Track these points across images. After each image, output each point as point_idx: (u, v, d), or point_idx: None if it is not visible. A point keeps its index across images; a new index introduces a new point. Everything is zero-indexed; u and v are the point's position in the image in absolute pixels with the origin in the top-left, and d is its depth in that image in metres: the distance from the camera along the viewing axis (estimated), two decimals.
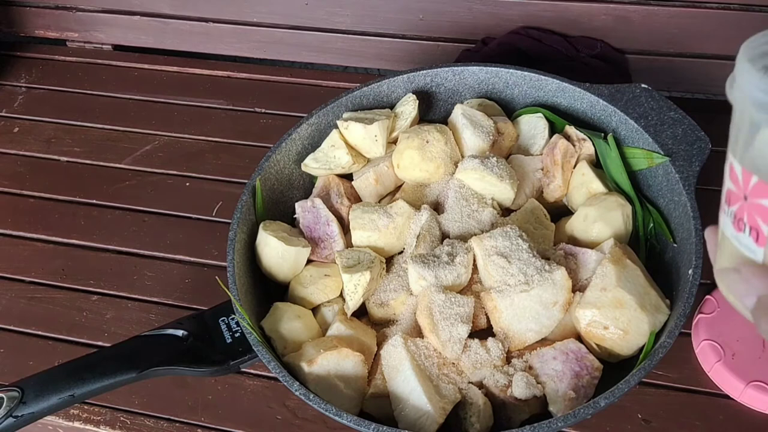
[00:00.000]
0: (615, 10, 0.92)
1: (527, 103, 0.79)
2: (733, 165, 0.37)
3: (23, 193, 0.92)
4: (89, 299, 0.79)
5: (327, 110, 0.76)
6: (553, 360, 0.59)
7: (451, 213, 0.68)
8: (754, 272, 0.37)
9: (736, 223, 0.38)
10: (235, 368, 0.63)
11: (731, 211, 0.39)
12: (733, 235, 0.39)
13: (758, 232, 0.37)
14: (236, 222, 0.66)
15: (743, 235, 0.38)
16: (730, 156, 0.38)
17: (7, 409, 0.57)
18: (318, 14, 1.02)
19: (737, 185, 0.38)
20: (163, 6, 1.07)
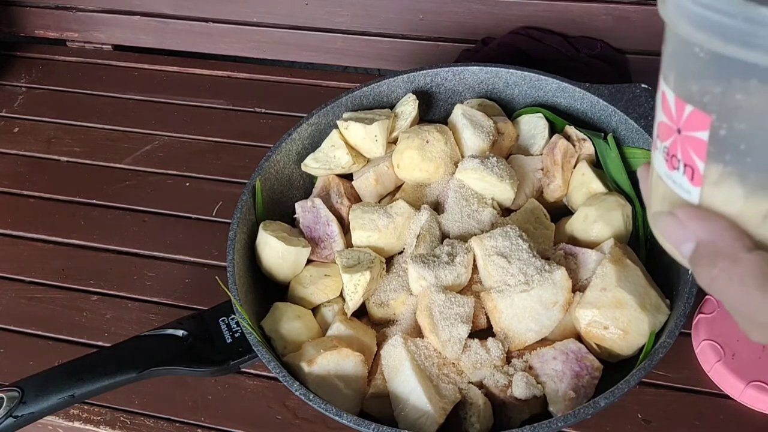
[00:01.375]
0: (615, 10, 0.92)
1: (527, 103, 0.79)
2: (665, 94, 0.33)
3: (23, 193, 0.92)
4: (89, 299, 0.79)
5: (327, 110, 0.76)
6: (553, 360, 0.59)
7: (451, 213, 0.68)
8: (690, 215, 0.33)
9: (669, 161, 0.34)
10: (235, 368, 0.63)
11: (664, 147, 0.34)
12: (666, 173, 0.35)
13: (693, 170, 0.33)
14: (236, 222, 0.66)
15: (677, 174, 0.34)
16: (662, 84, 0.34)
17: (7, 409, 0.57)
18: (318, 14, 1.02)
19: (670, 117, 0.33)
20: (163, 6, 1.07)
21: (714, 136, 0.31)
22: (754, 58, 0.28)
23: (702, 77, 0.31)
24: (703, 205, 0.33)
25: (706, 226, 0.33)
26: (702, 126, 0.31)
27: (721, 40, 0.29)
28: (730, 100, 0.30)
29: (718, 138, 0.31)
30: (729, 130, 0.31)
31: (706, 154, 0.32)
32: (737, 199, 0.32)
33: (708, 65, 0.30)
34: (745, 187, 0.32)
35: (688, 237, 0.33)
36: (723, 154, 0.32)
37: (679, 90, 0.32)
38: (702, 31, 0.29)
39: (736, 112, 0.30)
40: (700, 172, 0.33)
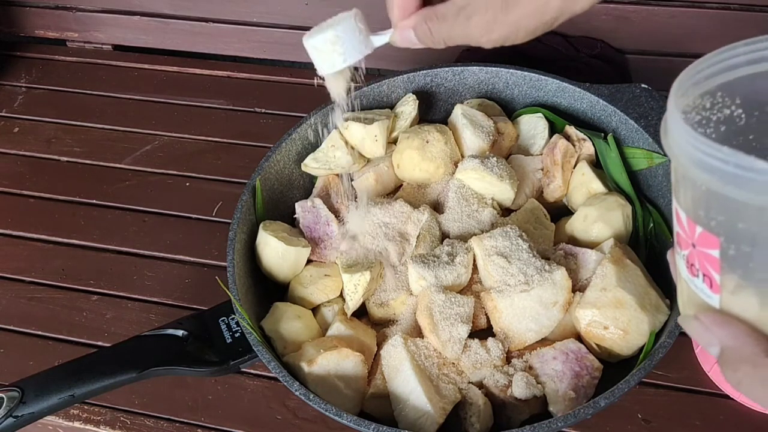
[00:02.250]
0: (615, 10, 0.92)
1: (527, 103, 0.79)
2: (678, 211, 0.36)
3: (23, 193, 0.92)
4: (89, 299, 0.79)
5: (327, 110, 0.76)
6: (553, 360, 0.59)
7: (451, 213, 0.68)
8: (714, 320, 0.36)
9: (689, 268, 0.38)
10: (235, 368, 0.63)
11: (683, 255, 0.38)
12: (688, 278, 0.38)
13: (711, 280, 0.36)
14: (236, 222, 0.66)
15: (698, 280, 0.37)
16: (674, 202, 0.37)
17: (7, 409, 0.57)
18: (318, 14, 1.01)
19: (684, 232, 0.37)
20: (163, 6, 1.07)
21: (724, 255, 0.34)
22: (747, 198, 0.31)
23: (706, 206, 0.34)
24: (724, 310, 0.36)
25: (727, 332, 0.36)
26: (712, 245, 0.34)
27: (719, 181, 0.32)
28: (734, 227, 0.33)
29: (728, 257, 0.34)
30: (737, 251, 0.34)
31: (720, 268, 0.35)
32: (754, 307, 0.35)
33: (711, 197, 0.33)
34: (759, 296, 0.35)
35: (713, 341, 0.36)
36: (734, 269, 0.35)
37: (689, 212, 0.35)
38: (702, 171, 0.32)
39: (742, 237, 0.33)
40: (717, 282, 0.35)
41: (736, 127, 0.38)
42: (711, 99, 0.38)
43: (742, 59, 0.38)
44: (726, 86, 0.38)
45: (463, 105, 0.75)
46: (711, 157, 0.32)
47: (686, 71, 0.37)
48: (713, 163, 0.32)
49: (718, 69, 0.38)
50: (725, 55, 0.38)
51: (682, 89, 0.37)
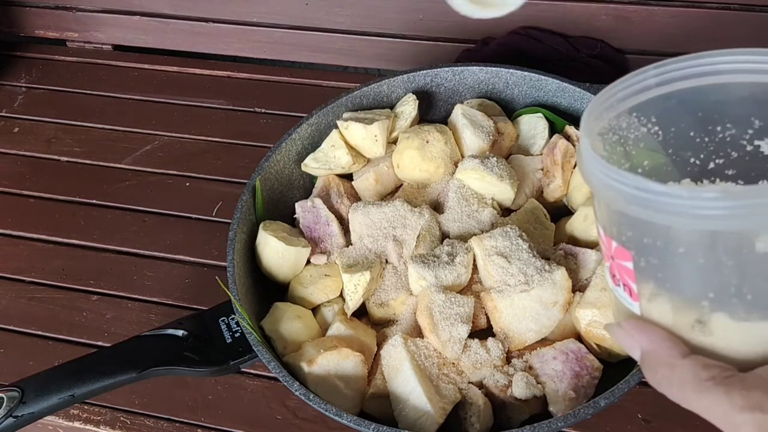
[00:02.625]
0: (615, 10, 0.92)
1: (527, 103, 0.79)
2: (598, 228, 0.40)
3: (23, 193, 0.92)
4: (89, 299, 0.79)
5: (327, 110, 0.76)
6: (553, 360, 0.59)
7: (451, 213, 0.68)
8: (634, 327, 0.39)
9: (612, 278, 0.41)
10: (235, 368, 0.63)
11: (607, 266, 0.41)
12: (613, 288, 0.41)
13: (630, 289, 0.39)
14: (236, 222, 0.66)
15: (620, 290, 0.40)
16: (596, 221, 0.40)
17: (7, 409, 0.57)
18: (318, 14, 1.02)
19: (605, 246, 0.40)
20: (163, 6, 1.07)
21: (637, 266, 0.38)
22: (647, 216, 0.35)
23: (617, 223, 0.38)
24: (644, 317, 0.39)
25: (646, 337, 0.38)
26: (626, 258, 0.38)
27: (623, 201, 0.35)
28: (641, 242, 0.37)
29: (640, 268, 0.38)
30: (646, 263, 0.37)
31: (635, 278, 0.38)
32: (668, 313, 0.38)
33: (620, 216, 0.37)
34: (672, 304, 0.37)
35: (634, 346, 0.39)
36: (647, 280, 0.38)
37: (606, 229, 0.39)
38: (610, 192, 0.36)
39: (648, 251, 0.37)
40: (635, 292, 0.39)
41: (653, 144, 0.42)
42: (627, 119, 0.43)
43: (652, 81, 0.42)
44: (640, 107, 0.43)
45: (463, 105, 0.75)
46: (615, 181, 0.36)
47: (598, 97, 0.41)
48: (617, 186, 0.35)
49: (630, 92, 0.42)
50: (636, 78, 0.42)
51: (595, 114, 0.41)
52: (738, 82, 0.41)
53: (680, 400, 0.36)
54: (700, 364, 0.36)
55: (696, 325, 0.37)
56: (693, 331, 0.37)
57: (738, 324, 0.36)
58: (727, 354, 0.37)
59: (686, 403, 0.36)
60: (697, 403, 0.35)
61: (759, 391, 0.33)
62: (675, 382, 0.36)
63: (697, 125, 0.43)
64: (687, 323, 0.37)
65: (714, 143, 0.43)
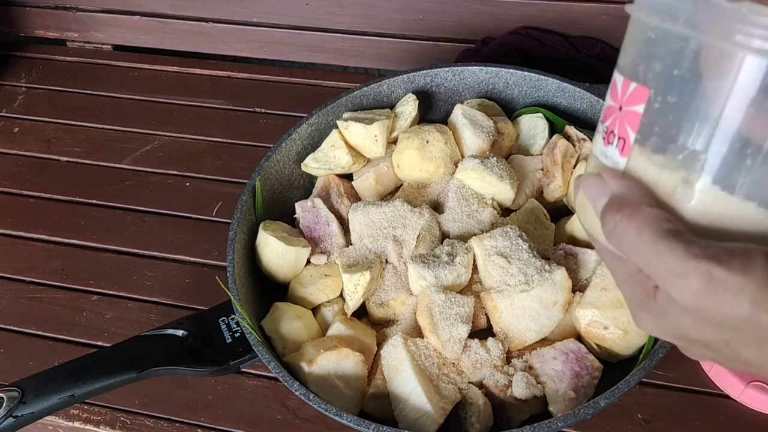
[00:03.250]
0: (615, 10, 0.92)
1: (527, 103, 0.79)
2: (616, 80, 0.39)
3: (23, 193, 0.92)
4: (89, 299, 0.79)
5: (327, 110, 0.76)
6: (553, 360, 0.59)
7: (451, 213, 0.68)
8: (612, 176, 0.37)
9: (606, 137, 0.40)
10: (235, 368, 0.63)
11: (604, 127, 0.40)
12: (601, 151, 0.40)
13: (625, 141, 0.38)
14: (236, 222, 0.66)
15: (611, 148, 0.39)
16: (615, 74, 0.39)
17: (7, 409, 0.57)
18: (318, 14, 1.02)
19: (615, 98, 0.39)
20: (163, 6, 1.07)
21: (649, 109, 0.37)
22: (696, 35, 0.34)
23: (649, 57, 0.37)
24: (627, 173, 0.38)
25: (621, 183, 0.37)
26: (641, 100, 0.37)
27: (669, 19, 0.35)
28: (668, 75, 0.36)
29: (651, 110, 0.37)
30: (662, 102, 0.36)
31: (639, 124, 0.37)
32: (655, 169, 0.37)
33: (656, 45, 0.36)
34: (664, 157, 0.36)
35: (604, 191, 0.37)
36: (653, 125, 0.37)
37: (628, 72, 0.38)
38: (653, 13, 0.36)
39: (671, 86, 0.36)
40: (630, 143, 0.38)
41: None
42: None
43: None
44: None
45: (463, 105, 0.75)
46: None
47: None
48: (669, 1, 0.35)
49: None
50: None
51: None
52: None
53: (632, 243, 0.34)
54: (665, 216, 0.34)
55: (680, 186, 0.36)
56: (673, 195, 0.36)
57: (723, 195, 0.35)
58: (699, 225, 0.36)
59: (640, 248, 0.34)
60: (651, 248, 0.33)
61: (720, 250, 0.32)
62: (634, 223, 0.34)
63: None
64: (671, 182, 0.36)
65: None
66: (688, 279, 0.32)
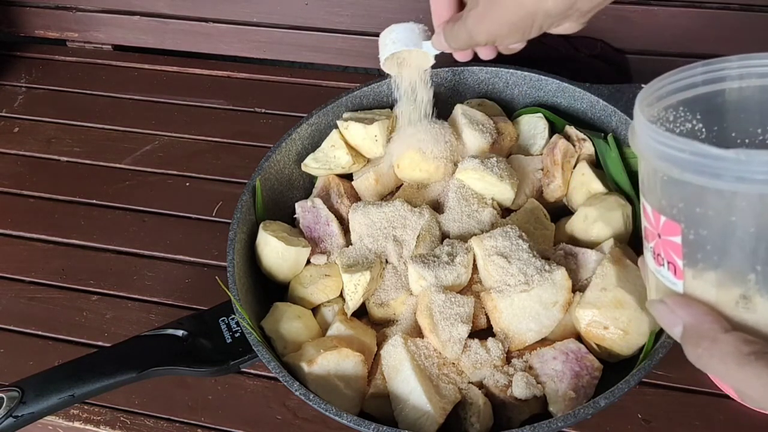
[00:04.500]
0: (615, 10, 0.92)
1: (527, 103, 0.79)
2: (645, 205, 0.41)
3: (23, 193, 0.92)
4: (89, 299, 0.79)
5: (327, 110, 0.76)
6: (553, 360, 0.59)
7: (451, 213, 0.68)
8: (678, 303, 0.39)
9: (656, 258, 0.41)
10: (235, 368, 0.63)
11: (650, 247, 0.42)
12: (655, 268, 0.42)
13: (675, 266, 0.40)
14: (236, 222, 0.66)
15: (663, 269, 0.41)
16: (642, 198, 0.41)
17: (7, 409, 0.57)
18: (318, 14, 1.02)
19: (651, 224, 0.41)
20: (163, 6, 1.07)
21: (685, 240, 0.38)
22: (703, 182, 0.35)
23: (668, 195, 0.38)
24: (687, 294, 0.40)
25: (690, 311, 0.39)
26: (675, 232, 0.39)
27: (677, 168, 0.36)
28: (692, 212, 0.37)
29: (688, 241, 0.38)
30: (696, 235, 0.38)
31: (682, 253, 0.39)
32: (712, 289, 0.38)
33: (672, 186, 0.38)
34: (717, 278, 0.38)
35: (676, 321, 0.40)
36: (695, 253, 0.38)
37: (654, 204, 0.40)
38: (663, 162, 0.37)
39: (699, 221, 0.37)
40: (680, 268, 0.39)
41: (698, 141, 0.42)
42: (674, 113, 0.43)
43: (699, 79, 0.43)
44: (687, 102, 0.43)
45: (463, 105, 0.75)
46: (670, 147, 0.36)
47: (650, 85, 0.42)
48: (672, 152, 0.36)
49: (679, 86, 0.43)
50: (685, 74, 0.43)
51: (648, 100, 0.42)
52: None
53: (721, 373, 0.37)
54: (742, 339, 0.36)
55: (740, 301, 0.37)
56: (736, 308, 0.38)
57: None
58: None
59: (726, 376, 0.36)
60: (738, 374, 0.35)
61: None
62: (716, 354, 0.37)
63: (739, 126, 0.44)
64: (731, 299, 0.38)
65: (754, 145, 0.44)
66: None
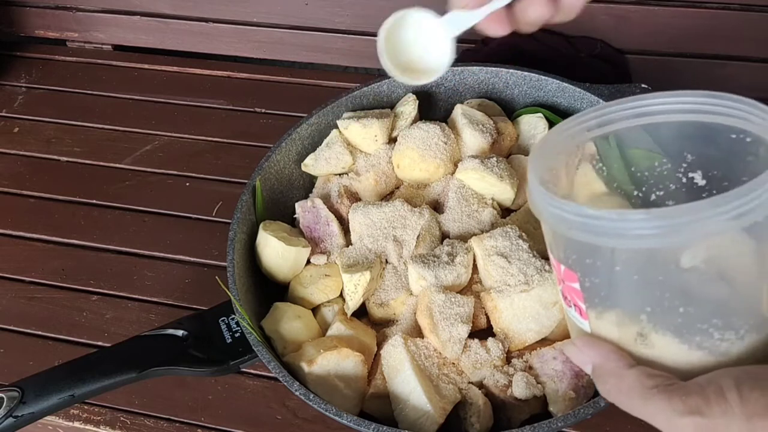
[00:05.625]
0: (615, 10, 0.92)
1: (527, 103, 0.79)
2: (550, 255, 0.45)
3: (23, 193, 0.92)
4: (89, 299, 0.79)
5: (327, 110, 0.76)
6: (553, 360, 0.59)
7: (451, 213, 0.68)
8: (585, 343, 0.43)
9: (565, 300, 0.45)
10: (235, 368, 0.63)
11: (560, 290, 0.45)
12: (566, 309, 0.45)
13: (580, 309, 0.43)
14: (236, 222, 0.66)
15: (572, 311, 0.44)
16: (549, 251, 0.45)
17: (7, 409, 0.57)
18: (318, 14, 1.02)
19: (555, 270, 0.45)
20: (163, 6, 1.07)
21: (583, 286, 0.42)
22: (588, 238, 0.39)
23: (564, 248, 0.43)
24: (593, 333, 0.43)
25: (596, 351, 0.42)
26: (573, 279, 0.42)
27: (565, 227, 0.40)
28: (584, 263, 0.41)
29: (585, 287, 0.42)
30: (590, 282, 0.41)
31: (583, 298, 0.42)
32: (614, 328, 0.42)
33: (565, 241, 0.42)
34: (616, 319, 0.41)
35: (586, 361, 0.42)
36: (593, 298, 0.42)
37: (555, 255, 0.44)
38: (555, 222, 0.41)
39: (590, 271, 0.41)
40: (584, 310, 0.43)
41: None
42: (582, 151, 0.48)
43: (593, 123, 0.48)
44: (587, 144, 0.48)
45: (463, 105, 0.75)
46: (558, 209, 0.40)
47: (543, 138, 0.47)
48: (560, 213, 0.40)
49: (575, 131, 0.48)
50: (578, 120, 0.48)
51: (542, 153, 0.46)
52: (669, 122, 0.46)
53: (628, 407, 0.39)
54: (645, 373, 0.39)
55: (638, 338, 0.40)
56: (636, 345, 0.41)
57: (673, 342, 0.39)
58: (668, 365, 0.40)
59: (634, 410, 0.39)
60: (643, 409, 0.38)
61: (697, 397, 0.36)
62: (623, 390, 0.39)
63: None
64: (630, 337, 0.41)
65: (654, 177, 0.48)
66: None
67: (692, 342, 0.39)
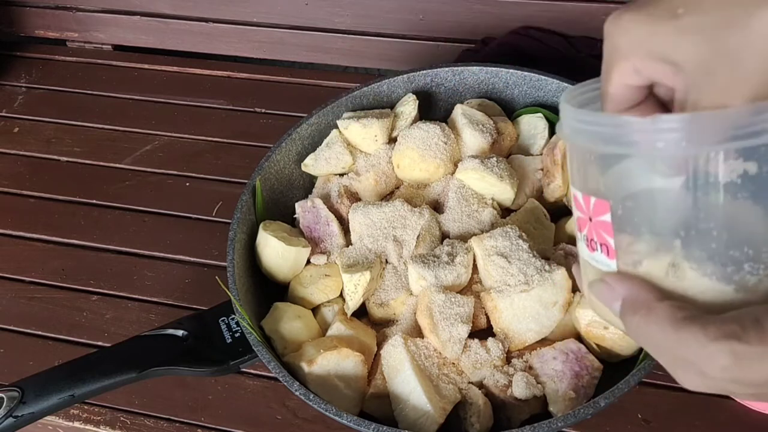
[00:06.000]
0: (615, 9, 0.91)
1: (527, 103, 0.79)
2: (575, 194, 0.43)
3: (23, 193, 0.92)
4: (89, 299, 0.79)
5: (327, 110, 0.76)
6: (553, 360, 0.59)
7: (451, 213, 0.68)
8: (615, 279, 0.41)
9: (589, 245, 0.43)
10: (235, 368, 0.63)
11: (583, 236, 0.43)
12: (589, 256, 0.43)
13: (608, 247, 0.41)
14: (236, 222, 0.66)
15: (597, 254, 0.43)
16: (572, 188, 0.43)
17: (7, 409, 0.57)
18: (318, 14, 1.02)
19: (582, 210, 0.43)
20: (163, 6, 1.07)
21: (614, 216, 0.40)
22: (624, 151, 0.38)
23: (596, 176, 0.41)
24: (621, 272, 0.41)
25: (626, 285, 0.40)
26: (604, 210, 0.40)
27: (602, 143, 0.38)
28: (617, 186, 0.40)
29: (617, 217, 0.40)
30: (623, 209, 0.40)
31: (612, 231, 0.41)
32: (643, 261, 0.40)
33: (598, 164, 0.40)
34: (647, 249, 0.40)
35: (615, 297, 0.41)
36: (624, 228, 0.40)
37: (584, 188, 0.42)
38: (588, 142, 0.39)
39: (624, 195, 0.40)
40: (612, 247, 0.41)
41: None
42: None
43: None
44: None
45: (463, 105, 0.75)
46: (592, 125, 0.38)
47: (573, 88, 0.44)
48: (594, 129, 0.38)
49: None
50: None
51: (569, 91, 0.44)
52: None
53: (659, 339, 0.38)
54: (676, 305, 0.38)
55: (670, 270, 0.39)
56: (667, 278, 0.39)
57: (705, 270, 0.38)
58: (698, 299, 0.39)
59: (664, 341, 0.38)
60: (675, 337, 0.37)
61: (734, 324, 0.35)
62: (653, 321, 0.38)
63: None
64: (661, 269, 0.39)
65: None
66: (716, 360, 0.35)
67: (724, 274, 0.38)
